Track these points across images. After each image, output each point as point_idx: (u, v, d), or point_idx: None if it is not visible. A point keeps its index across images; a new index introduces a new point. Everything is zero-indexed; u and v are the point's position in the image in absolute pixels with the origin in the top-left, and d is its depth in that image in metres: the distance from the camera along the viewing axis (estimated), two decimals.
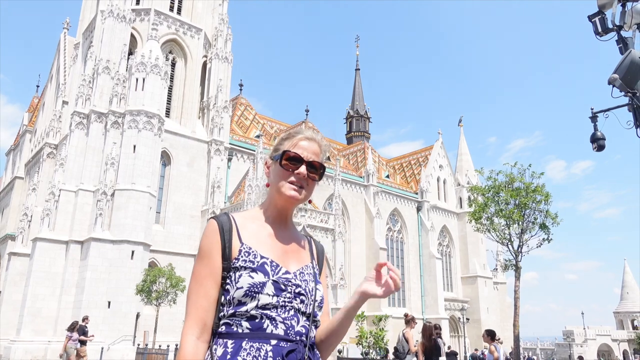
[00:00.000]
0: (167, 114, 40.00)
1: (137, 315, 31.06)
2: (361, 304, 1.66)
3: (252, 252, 1.64)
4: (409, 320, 10.70)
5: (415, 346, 10.36)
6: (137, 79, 35.28)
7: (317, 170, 1.77)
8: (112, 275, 30.89)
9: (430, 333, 9.72)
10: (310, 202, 1.83)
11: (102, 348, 27.27)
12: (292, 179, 1.73)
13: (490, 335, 11.40)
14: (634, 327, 69.66)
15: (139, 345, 29.44)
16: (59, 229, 32.75)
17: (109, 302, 30.51)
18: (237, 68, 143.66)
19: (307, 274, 1.71)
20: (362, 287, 1.65)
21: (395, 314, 42.13)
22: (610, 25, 6.02)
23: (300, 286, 1.64)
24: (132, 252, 31.77)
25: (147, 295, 28.28)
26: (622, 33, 5.96)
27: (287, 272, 1.64)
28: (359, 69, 72.14)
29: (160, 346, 26.60)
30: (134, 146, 33.80)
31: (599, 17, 6.15)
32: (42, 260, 31.63)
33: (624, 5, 5.89)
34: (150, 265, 33.15)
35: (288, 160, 1.75)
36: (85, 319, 20.31)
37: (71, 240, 32.37)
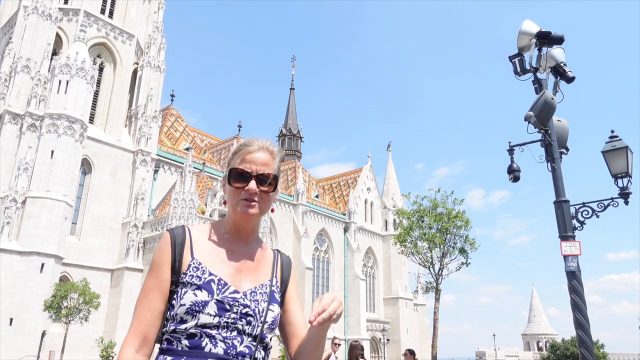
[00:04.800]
0: (92, 120, 38.09)
1: (43, 334, 28.78)
2: (322, 330, 1.60)
3: (202, 267, 1.59)
4: (333, 344, 10.77)
5: None
6: (60, 81, 33.40)
7: (269, 181, 1.67)
8: (17, 290, 28.49)
9: (357, 353, 9.83)
10: None
11: None
12: (245, 195, 1.65)
13: (413, 354, 11.67)
14: (539, 349, 74.28)
15: None
16: None
17: (11, 319, 28.03)
18: (170, 78, 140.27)
19: (260, 293, 1.65)
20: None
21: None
22: (528, 67, 6.54)
23: (248, 307, 1.58)
24: (42, 264, 29.56)
25: (56, 311, 26.35)
26: (538, 75, 6.50)
27: (235, 292, 1.59)
28: (293, 89, 72.94)
29: None
30: (52, 152, 31.79)
31: (518, 58, 6.68)
32: None
33: (540, 50, 6.43)
34: (62, 280, 31.02)
35: (236, 178, 1.68)
36: None
37: None
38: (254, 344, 1.57)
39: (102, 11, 41.01)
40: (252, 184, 1.66)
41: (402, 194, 30.17)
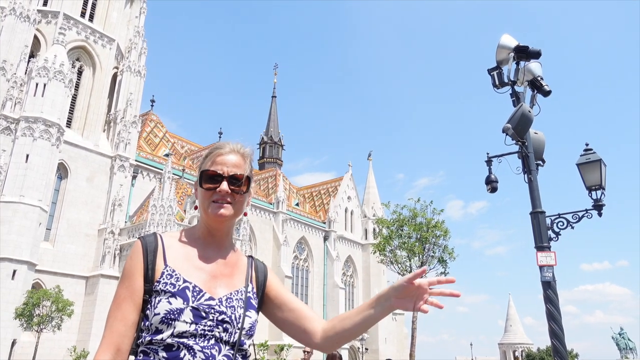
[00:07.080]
0: (69, 124, 37.45)
1: (13, 343, 27.97)
2: (385, 314, 1.60)
3: (175, 275, 1.55)
4: (304, 352, 10.77)
5: None
6: (37, 84, 32.80)
7: (240, 182, 1.66)
8: None
9: None
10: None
11: None
12: (216, 197, 1.63)
13: None
14: (515, 358, 75.03)
15: None
16: None
17: None
18: (151, 84, 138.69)
19: (236, 299, 1.61)
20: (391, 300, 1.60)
21: (298, 343, 41.79)
22: (506, 80, 6.67)
23: (224, 313, 1.55)
24: (14, 271, 28.79)
25: (28, 319, 25.65)
26: (516, 88, 6.63)
27: (211, 298, 1.55)
28: (275, 96, 72.87)
29: None
30: (27, 155, 31.12)
31: (497, 71, 6.81)
32: None
33: (517, 64, 6.56)
34: (35, 287, 30.24)
35: (208, 180, 1.65)
36: None
37: None
38: (232, 352, 1.53)
39: (83, 14, 40.48)
40: (224, 185, 1.64)
41: (382, 203, 30.36)
